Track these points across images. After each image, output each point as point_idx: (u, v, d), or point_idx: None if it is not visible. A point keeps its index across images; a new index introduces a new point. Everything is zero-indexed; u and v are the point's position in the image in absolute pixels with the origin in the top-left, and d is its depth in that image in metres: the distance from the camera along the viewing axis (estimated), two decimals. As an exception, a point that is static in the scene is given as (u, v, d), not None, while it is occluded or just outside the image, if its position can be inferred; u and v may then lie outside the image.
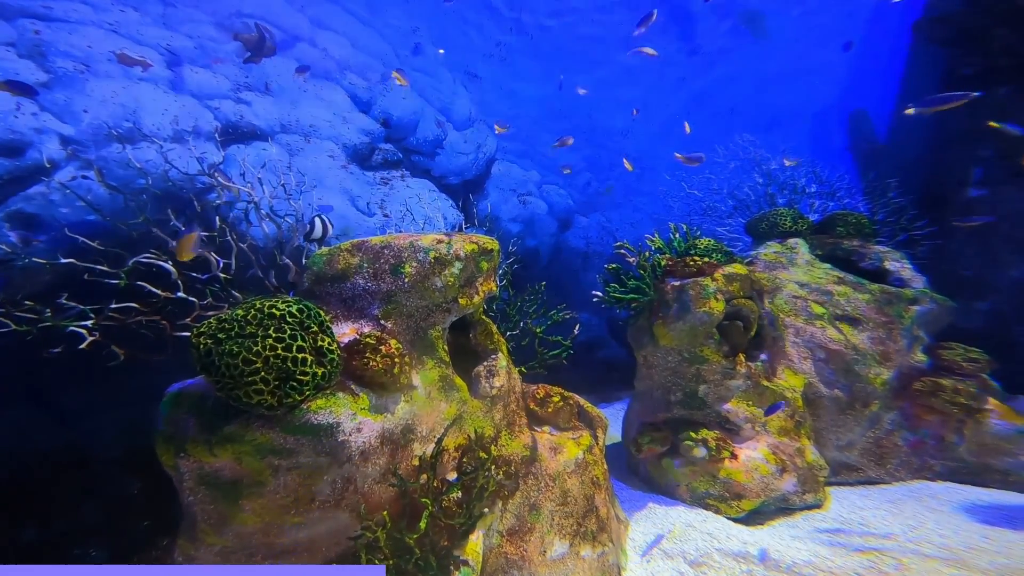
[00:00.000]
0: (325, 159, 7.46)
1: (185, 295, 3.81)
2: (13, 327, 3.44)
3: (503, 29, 21.39)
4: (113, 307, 3.61)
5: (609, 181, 19.74)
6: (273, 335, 2.28)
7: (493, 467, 2.93)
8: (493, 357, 3.48)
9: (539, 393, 3.87)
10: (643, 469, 4.80)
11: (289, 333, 2.32)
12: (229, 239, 4.27)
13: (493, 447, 3.03)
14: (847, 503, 4.42)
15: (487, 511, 2.91)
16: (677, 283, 4.66)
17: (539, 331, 4.83)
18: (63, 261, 3.69)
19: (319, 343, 2.41)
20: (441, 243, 3.04)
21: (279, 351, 2.25)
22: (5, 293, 4.12)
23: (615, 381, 8.69)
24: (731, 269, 4.77)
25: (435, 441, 2.82)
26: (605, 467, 3.77)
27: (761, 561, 3.43)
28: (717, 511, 4.19)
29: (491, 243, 3.39)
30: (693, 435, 4.45)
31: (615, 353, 9.91)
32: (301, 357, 2.29)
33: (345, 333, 2.79)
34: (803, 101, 28.35)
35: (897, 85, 10.40)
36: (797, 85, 27.36)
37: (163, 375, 2.70)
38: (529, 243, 10.62)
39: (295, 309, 2.42)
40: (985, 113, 5.91)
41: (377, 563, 2.28)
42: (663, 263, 4.87)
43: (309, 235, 4.27)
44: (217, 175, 4.67)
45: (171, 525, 2.58)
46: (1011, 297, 6.63)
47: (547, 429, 3.75)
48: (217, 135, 6.26)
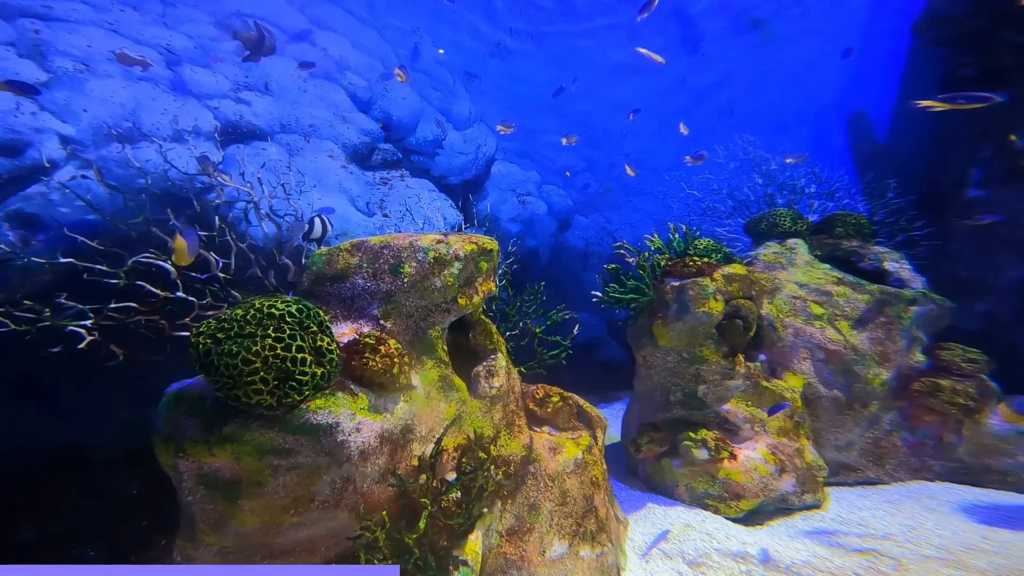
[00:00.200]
0: (325, 159, 7.46)
1: (184, 295, 3.81)
2: (12, 327, 3.44)
3: (503, 29, 21.39)
4: (112, 307, 3.61)
5: (609, 181, 19.76)
6: (272, 335, 2.28)
7: (492, 467, 2.93)
8: (492, 357, 3.48)
9: (538, 393, 3.87)
10: (642, 469, 4.80)
11: (288, 333, 2.32)
12: (228, 239, 4.27)
13: (492, 447, 3.02)
14: (846, 503, 4.42)
15: (486, 511, 2.91)
16: (676, 283, 4.66)
17: (538, 331, 4.83)
18: (62, 261, 3.69)
19: (318, 343, 2.41)
20: (440, 243, 3.04)
21: (278, 351, 2.25)
22: (4, 293, 4.13)
23: (614, 381, 8.70)
24: (730, 269, 4.77)
25: (434, 441, 2.82)
26: (604, 467, 3.77)
27: (760, 561, 3.43)
28: (716, 511, 4.19)
29: (490, 243, 3.39)
30: (692, 435, 4.45)
31: (614, 353, 9.92)
32: (300, 357, 2.29)
33: (344, 333, 2.79)
34: (802, 102, 28.41)
35: (897, 86, 10.41)
36: (797, 86, 27.40)
37: (162, 375, 2.70)
38: (529, 243, 10.62)
39: (294, 309, 2.42)
40: (987, 114, 5.90)
41: (376, 563, 2.28)
42: (662, 263, 4.87)
43: (308, 235, 4.26)
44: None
45: (170, 525, 2.58)
46: (1010, 298, 6.63)
47: (546, 429, 3.75)
48: (217, 135, 6.26)
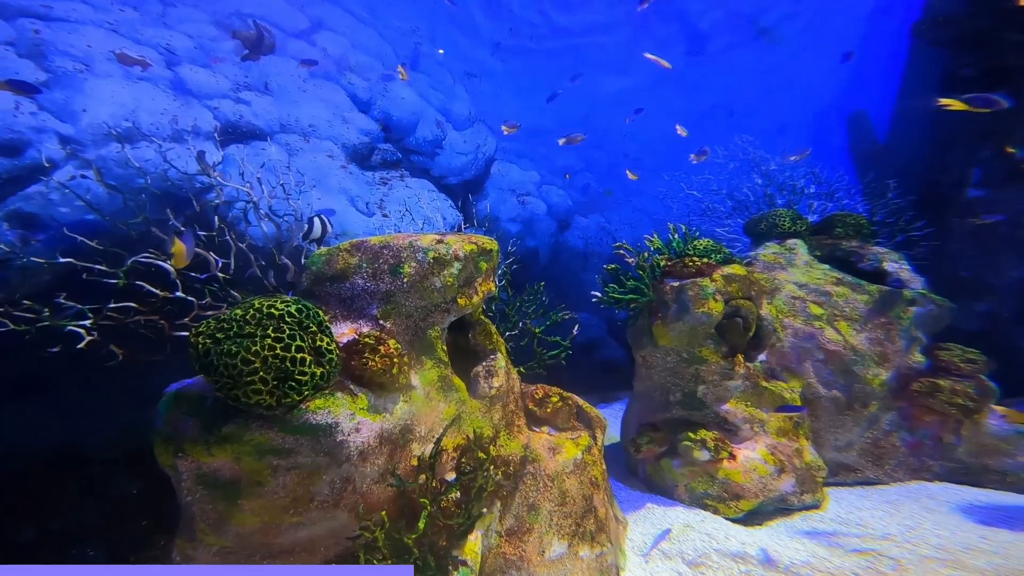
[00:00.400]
0: (324, 159, 7.46)
1: (184, 295, 3.81)
2: (12, 327, 3.44)
3: (503, 29, 21.39)
4: (112, 307, 3.61)
5: (608, 181, 19.74)
6: (272, 335, 2.28)
7: (492, 467, 2.93)
8: (492, 357, 3.48)
9: (538, 393, 3.87)
10: (642, 469, 4.80)
11: (288, 333, 2.32)
12: (228, 239, 4.27)
13: (492, 447, 3.03)
14: (845, 504, 4.42)
15: (486, 511, 2.91)
16: (676, 284, 4.66)
17: (538, 331, 4.83)
18: (62, 260, 3.69)
19: (318, 343, 2.41)
20: (440, 243, 3.04)
21: (278, 351, 2.25)
22: (4, 292, 4.13)
23: (614, 381, 8.70)
24: (730, 270, 4.77)
25: (434, 441, 2.82)
26: (604, 467, 3.77)
27: (759, 561, 3.43)
28: (715, 511, 4.19)
29: (490, 243, 3.39)
30: (692, 436, 4.45)
31: (614, 353, 9.92)
32: (300, 357, 2.29)
33: (344, 333, 2.79)
34: (802, 102, 28.40)
35: (896, 86, 10.42)
36: (796, 86, 27.39)
37: (162, 375, 2.70)
38: (528, 243, 10.62)
39: (294, 309, 2.42)
40: (987, 114, 5.89)
41: (376, 563, 2.28)
42: (662, 264, 4.87)
43: (308, 235, 4.26)
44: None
45: (169, 525, 2.58)
46: (1010, 298, 6.64)
47: (546, 429, 3.75)
48: (216, 135, 6.26)
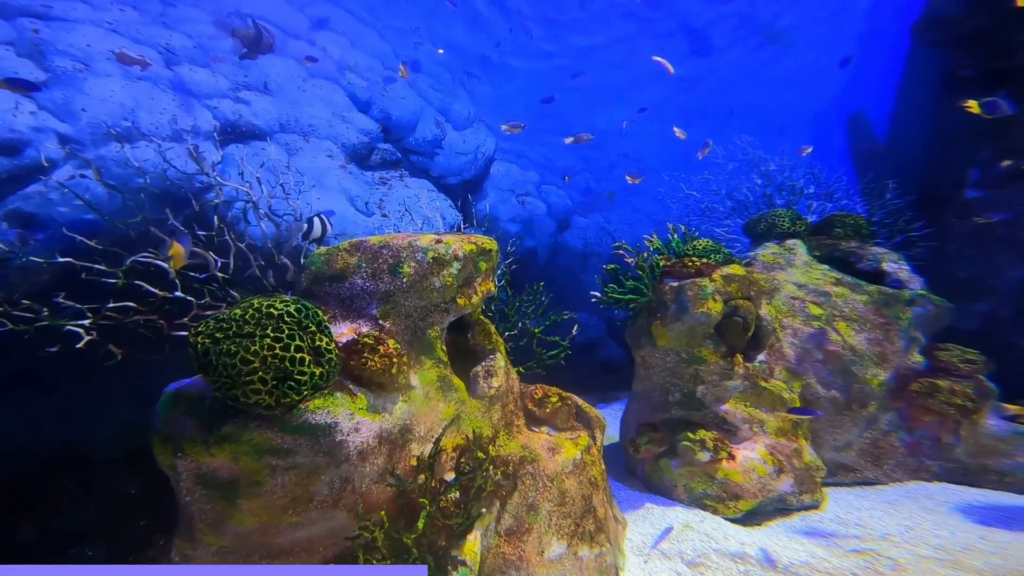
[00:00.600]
0: (324, 159, 7.46)
1: (183, 294, 3.80)
2: (11, 326, 3.43)
3: (503, 29, 21.39)
4: (111, 306, 3.60)
5: (608, 181, 19.73)
6: (271, 335, 2.28)
7: (491, 467, 2.93)
8: (491, 357, 3.48)
9: (537, 393, 3.87)
10: (641, 470, 4.80)
11: (287, 333, 2.32)
12: (227, 238, 4.26)
13: (491, 447, 3.02)
14: (844, 504, 4.43)
15: (485, 511, 2.91)
16: (675, 284, 4.66)
17: (537, 331, 4.83)
18: (61, 260, 3.68)
19: (317, 343, 2.41)
20: (439, 243, 3.04)
21: (277, 351, 2.25)
22: (3, 292, 4.12)
23: (613, 381, 8.70)
24: (729, 270, 4.77)
25: (433, 441, 2.82)
26: (603, 467, 3.78)
27: (758, 561, 3.43)
28: (715, 512, 4.19)
29: (489, 243, 3.39)
30: (691, 436, 4.45)
31: (613, 354, 9.93)
32: (299, 357, 2.29)
33: (343, 333, 2.79)
34: (802, 102, 28.40)
35: (895, 86, 10.43)
36: (796, 86, 27.40)
37: (161, 375, 2.70)
38: (528, 243, 10.62)
39: (293, 309, 2.42)
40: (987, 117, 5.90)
41: (375, 563, 2.28)
42: (661, 264, 4.87)
43: (307, 235, 4.26)
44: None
45: (168, 525, 2.58)
46: (1009, 298, 6.64)
47: (545, 429, 3.75)
48: (216, 134, 6.25)
